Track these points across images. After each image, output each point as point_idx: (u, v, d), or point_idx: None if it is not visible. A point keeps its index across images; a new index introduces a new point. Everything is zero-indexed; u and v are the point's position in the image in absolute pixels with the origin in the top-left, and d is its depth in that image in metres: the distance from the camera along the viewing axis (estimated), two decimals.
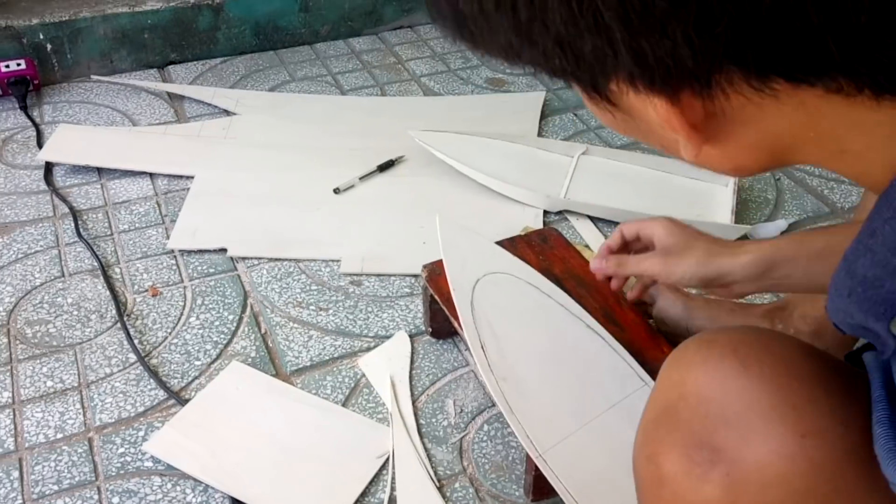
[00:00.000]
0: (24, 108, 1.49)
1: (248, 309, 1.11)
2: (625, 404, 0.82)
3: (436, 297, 0.95)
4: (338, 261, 1.18)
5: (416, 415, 0.96)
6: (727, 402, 0.51)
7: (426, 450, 0.92)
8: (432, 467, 0.90)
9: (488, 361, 0.79)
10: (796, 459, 0.48)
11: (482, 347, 0.80)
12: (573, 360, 0.85)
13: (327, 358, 1.04)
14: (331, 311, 1.10)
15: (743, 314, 0.98)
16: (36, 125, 1.45)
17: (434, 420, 0.96)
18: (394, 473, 0.89)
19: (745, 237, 1.23)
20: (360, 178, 1.33)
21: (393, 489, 0.88)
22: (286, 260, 1.18)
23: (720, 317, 0.98)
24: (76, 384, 0.99)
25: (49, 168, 1.35)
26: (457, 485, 0.89)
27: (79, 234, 1.21)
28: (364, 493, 0.87)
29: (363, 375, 1.01)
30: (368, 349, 1.05)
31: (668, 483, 0.52)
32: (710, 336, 0.55)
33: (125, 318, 1.08)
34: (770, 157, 0.42)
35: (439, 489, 0.88)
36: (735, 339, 0.53)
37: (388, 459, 0.91)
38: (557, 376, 0.83)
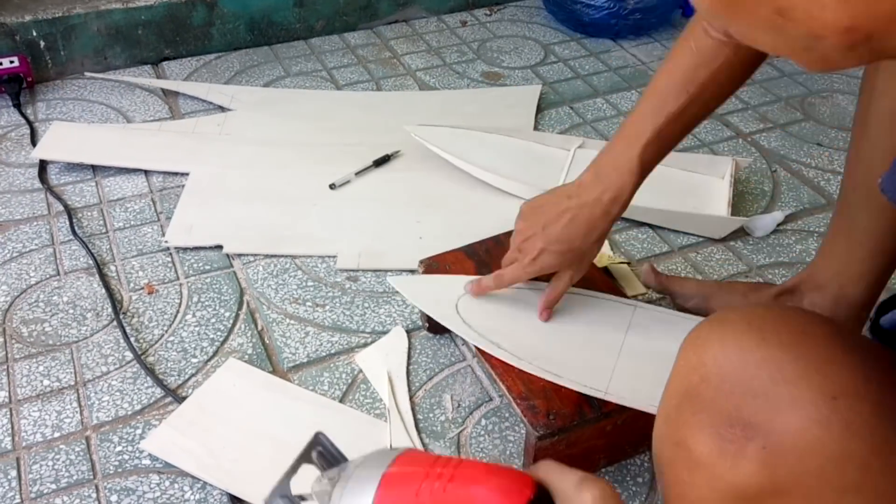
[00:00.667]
0: (18, 106, 1.48)
1: (245, 306, 1.10)
2: (634, 325, 0.93)
3: None
4: (334, 257, 1.18)
5: (413, 410, 0.96)
6: (751, 375, 0.50)
7: (424, 445, 0.92)
8: None
9: (515, 355, 0.87)
10: (831, 422, 0.47)
11: (500, 348, 0.88)
12: (573, 318, 0.94)
13: (324, 354, 1.03)
14: (327, 308, 1.10)
15: (755, 296, 1.02)
16: (30, 123, 1.45)
17: (431, 415, 0.96)
18: None
19: (741, 230, 1.23)
20: (356, 174, 1.32)
21: None
22: (282, 256, 1.18)
23: (734, 299, 1.02)
24: (73, 383, 0.99)
25: (43, 166, 1.34)
26: None
27: (74, 233, 1.20)
28: None
29: (360, 371, 1.01)
30: (365, 345, 1.05)
31: (701, 466, 0.51)
32: (722, 316, 0.54)
33: (121, 316, 1.07)
34: None
35: None
36: (748, 315, 0.52)
37: None
38: (572, 334, 0.92)
